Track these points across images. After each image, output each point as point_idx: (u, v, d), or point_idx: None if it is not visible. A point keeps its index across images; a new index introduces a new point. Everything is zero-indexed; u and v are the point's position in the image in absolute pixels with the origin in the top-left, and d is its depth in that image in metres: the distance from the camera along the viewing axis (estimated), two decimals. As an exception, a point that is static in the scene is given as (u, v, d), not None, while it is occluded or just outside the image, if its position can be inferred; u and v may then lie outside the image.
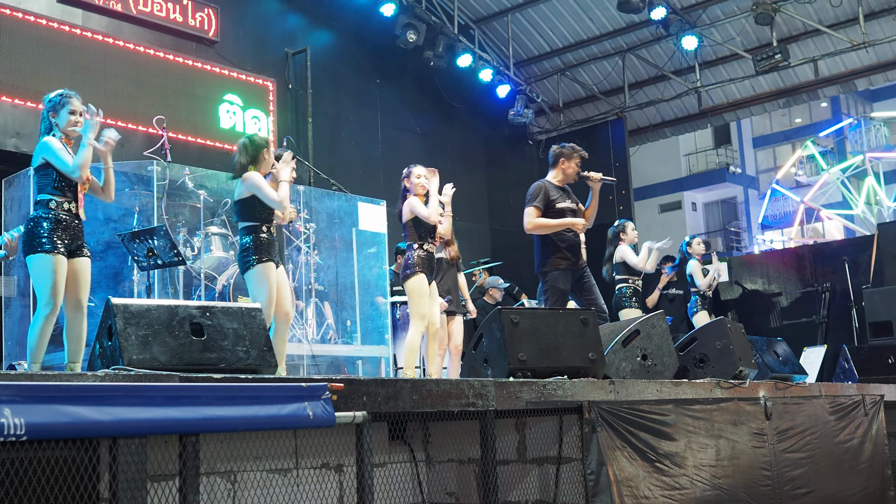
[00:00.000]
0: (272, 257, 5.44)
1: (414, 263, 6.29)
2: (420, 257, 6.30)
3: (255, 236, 5.44)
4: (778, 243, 28.35)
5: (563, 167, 6.95)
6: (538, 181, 6.96)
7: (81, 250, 5.08)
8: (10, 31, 9.06)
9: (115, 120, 9.58)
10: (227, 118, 10.76)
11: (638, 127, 14.75)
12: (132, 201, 8.21)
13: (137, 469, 2.92)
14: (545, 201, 6.73)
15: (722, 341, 5.74)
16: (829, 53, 12.40)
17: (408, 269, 6.31)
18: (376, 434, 4.29)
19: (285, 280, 5.77)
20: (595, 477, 4.36)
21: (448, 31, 12.75)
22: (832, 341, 10.83)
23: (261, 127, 10.96)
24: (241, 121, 10.85)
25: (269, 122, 11.08)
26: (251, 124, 10.90)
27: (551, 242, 6.73)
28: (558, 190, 6.89)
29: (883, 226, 12.43)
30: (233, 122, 10.79)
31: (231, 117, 10.80)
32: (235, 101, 10.86)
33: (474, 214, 13.59)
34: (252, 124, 10.91)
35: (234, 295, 7.72)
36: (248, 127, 10.86)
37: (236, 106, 10.84)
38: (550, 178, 6.95)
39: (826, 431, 5.96)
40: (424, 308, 6.28)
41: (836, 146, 30.65)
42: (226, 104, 10.75)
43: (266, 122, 11.05)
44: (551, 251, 6.71)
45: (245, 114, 10.92)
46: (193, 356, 3.54)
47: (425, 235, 6.34)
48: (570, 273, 6.72)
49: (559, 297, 6.69)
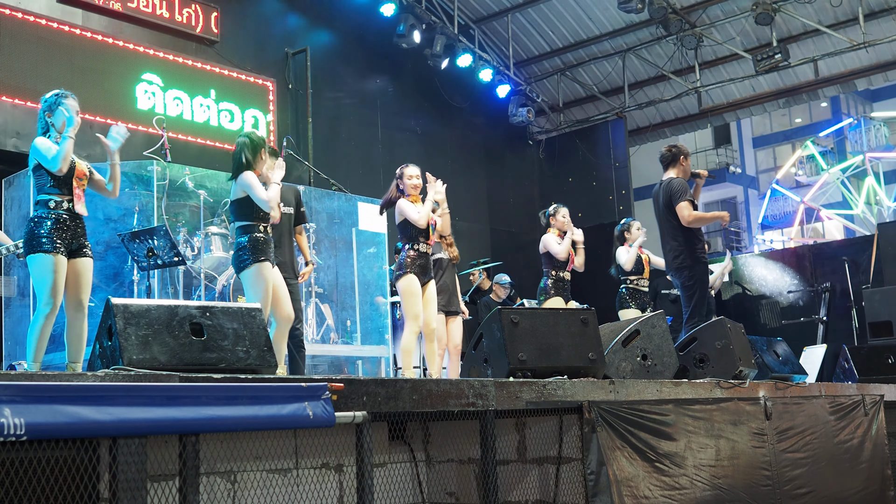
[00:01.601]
0: (268, 257, 5.44)
1: (404, 264, 6.32)
2: (411, 258, 6.32)
3: (251, 236, 5.44)
4: (778, 243, 28.35)
5: (684, 165, 6.92)
6: (674, 179, 6.83)
7: (83, 250, 5.08)
8: (10, 31, 9.06)
9: (116, 120, 9.59)
10: (225, 118, 10.75)
11: (638, 127, 14.75)
12: (132, 201, 8.21)
13: (137, 469, 2.92)
14: (691, 196, 6.72)
15: (722, 341, 5.74)
16: (829, 53, 12.39)
17: (399, 270, 6.35)
18: (376, 434, 4.29)
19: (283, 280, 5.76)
20: (595, 477, 4.36)
21: (448, 31, 12.74)
22: (832, 341, 10.83)
23: (259, 125, 10.92)
24: (241, 120, 10.83)
25: (270, 122, 11.06)
26: (249, 124, 10.89)
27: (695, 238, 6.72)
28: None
29: (883, 226, 12.43)
30: (232, 123, 10.78)
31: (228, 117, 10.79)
32: (234, 102, 10.86)
33: (474, 214, 13.60)
34: (251, 124, 10.90)
35: (234, 295, 7.72)
36: (247, 126, 10.84)
37: (235, 106, 10.84)
38: (674, 175, 6.88)
39: (826, 431, 5.96)
40: (417, 308, 6.29)
41: (836, 146, 30.65)
42: (225, 103, 10.74)
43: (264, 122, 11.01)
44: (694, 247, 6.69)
45: (245, 114, 10.91)
46: (193, 356, 3.54)
47: (416, 236, 6.37)
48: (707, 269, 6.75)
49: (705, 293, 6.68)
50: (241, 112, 10.86)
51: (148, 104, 9.99)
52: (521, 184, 14.82)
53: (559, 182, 14.67)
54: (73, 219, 5.03)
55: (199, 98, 10.47)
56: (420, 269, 6.33)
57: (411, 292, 6.28)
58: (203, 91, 10.52)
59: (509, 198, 14.54)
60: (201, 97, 10.48)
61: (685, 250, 6.70)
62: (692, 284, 6.68)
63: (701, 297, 6.62)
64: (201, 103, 10.45)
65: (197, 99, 10.44)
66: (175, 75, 10.32)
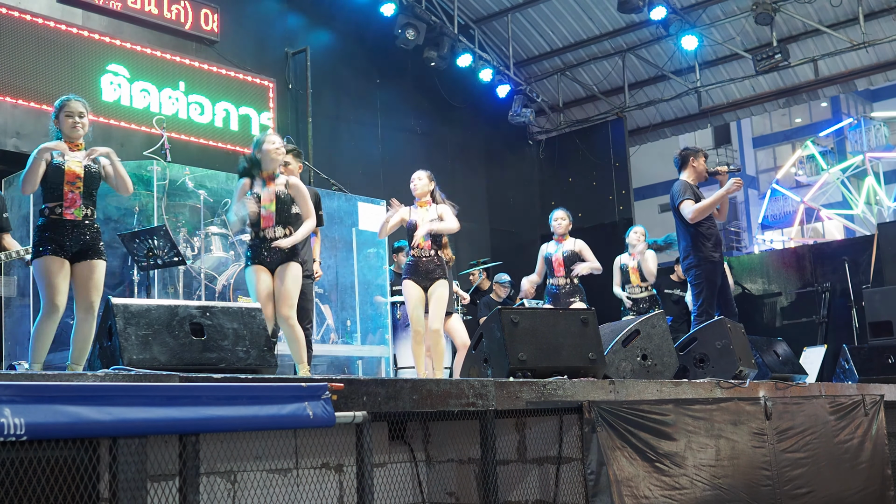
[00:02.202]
0: (260, 261, 5.46)
1: (403, 270, 6.66)
2: (408, 263, 6.56)
3: (250, 241, 5.61)
4: (778, 243, 28.36)
5: (694, 165, 6.98)
6: (678, 181, 6.97)
7: (88, 253, 5.04)
8: (10, 31, 9.05)
9: (118, 120, 9.59)
10: (224, 118, 10.74)
11: (638, 127, 14.75)
12: (132, 201, 8.20)
13: (137, 469, 2.92)
14: (694, 195, 6.82)
15: (722, 341, 5.74)
16: (829, 53, 12.39)
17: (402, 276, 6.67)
18: (376, 434, 4.29)
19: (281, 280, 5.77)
20: (595, 477, 4.36)
21: (448, 31, 12.74)
22: (832, 341, 10.83)
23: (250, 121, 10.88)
24: (237, 121, 10.83)
25: (270, 122, 11.06)
26: (248, 124, 10.88)
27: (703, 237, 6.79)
28: (697, 189, 6.99)
29: (883, 226, 12.42)
30: (231, 123, 10.78)
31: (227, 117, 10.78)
32: (232, 102, 10.85)
33: (474, 214, 13.58)
34: (249, 124, 10.89)
35: (234, 295, 7.72)
36: (246, 127, 10.84)
37: (233, 106, 10.83)
38: (685, 178, 6.98)
39: (826, 431, 5.96)
40: (411, 312, 6.52)
41: (836, 146, 30.65)
42: (224, 103, 10.73)
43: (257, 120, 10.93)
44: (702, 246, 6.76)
45: (239, 111, 10.89)
46: (193, 356, 3.54)
47: (410, 242, 6.58)
48: (719, 266, 6.81)
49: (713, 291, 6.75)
50: (239, 111, 10.86)
51: (113, 96, 9.67)
52: (521, 184, 14.82)
53: (559, 182, 14.67)
54: (69, 222, 4.97)
55: (168, 90, 10.11)
56: (416, 274, 6.46)
57: (406, 296, 6.54)
58: (172, 84, 10.16)
59: (509, 198, 14.54)
60: (170, 89, 10.11)
61: (692, 250, 6.79)
62: (699, 283, 6.76)
63: (709, 296, 6.67)
64: (170, 95, 10.12)
65: (165, 91, 10.07)
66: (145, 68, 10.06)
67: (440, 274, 6.43)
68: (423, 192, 6.60)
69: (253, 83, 11.07)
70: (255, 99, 11.05)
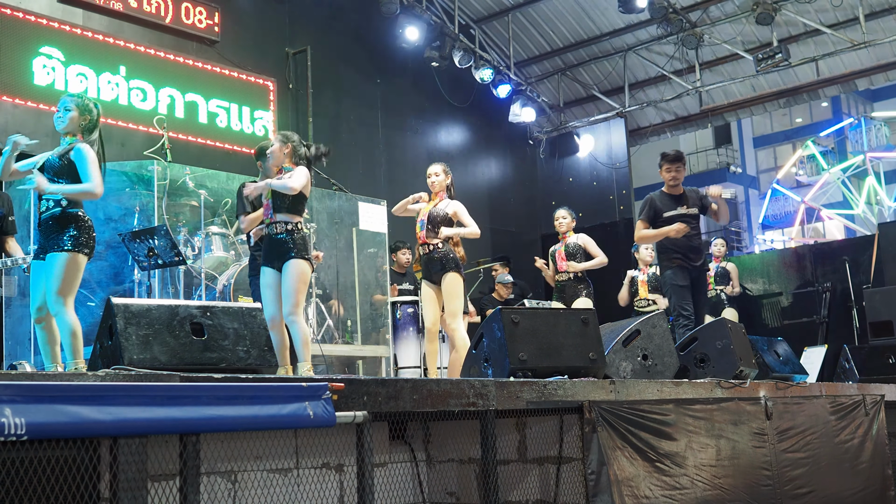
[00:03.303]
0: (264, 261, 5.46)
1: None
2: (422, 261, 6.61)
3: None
4: (778, 243, 28.36)
5: (663, 174, 7.13)
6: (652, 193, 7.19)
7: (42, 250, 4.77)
8: (10, 31, 9.05)
9: (116, 120, 9.59)
10: (225, 117, 10.74)
11: (638, 127, 14.74)
12: (132, 201, 8.21)
13: (138, 469, 2.92)
14: (650, 213, 6.99)
15: (722, 341, 5.74)
16: (830, 53, 12.38)
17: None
18: (377, 434, 4.29)
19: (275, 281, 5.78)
20: (595, 477, 4.36)
21: (448, 30, 12.74)
22: (832, 341, 10.82)
23: (259, 128, 10.88)
24: (238, 120, 10.83)
25: (270, 122, 11.06)
26: (248, 124, 10.88)
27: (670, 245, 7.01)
28: (668, 199, 7.04)
29: (883, 226, 12.43)
30: (232, 123, 10.78)
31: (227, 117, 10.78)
32: (233, 102, 10.85)
33: (474, 214, 13.53)
34: (249, 123, 10.89)
35: (235, 295, 7.72)
36: (246, 126, 10.84)
37: (233, 105, 10.83)
38: (664, 188, 7.13)
39: (826, 431, 5.96)
40: (424, 310, 6.56)
41: (836, 146, 30.64)
42: (224, 102, 10.73)
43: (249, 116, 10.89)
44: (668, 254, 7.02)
45: (241, 113, 10.89)
46: (194, 356, 3.54)
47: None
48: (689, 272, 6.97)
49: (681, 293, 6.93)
50: (239, 111, 10.86)
51: (47, 80, 9.25)
52: (521, 184, 14.82)
53: (559, 182, 14.67)
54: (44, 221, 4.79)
55: (107, 74, 9.65)
56: (428, 272, 6.52)
57: (422, 296, 6.61)
58: (111, 68, 9.73)
59: (509, 198, 14.53)
60: (109, 73, 9.64)
61: (660, 257, 7.13)
62: (666, 289, 7.16)
63: (678, 298, 6.85)
64: (109, 80, 9.68)
65: (104, 75, 9.59)
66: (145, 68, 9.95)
67: (451, 266, 6.43)
68: (441, 188, 6.59)
69: (253, 83, 11.07)
70: (256, 99, 11.05)
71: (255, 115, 10.98)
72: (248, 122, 10.90)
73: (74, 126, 4.89)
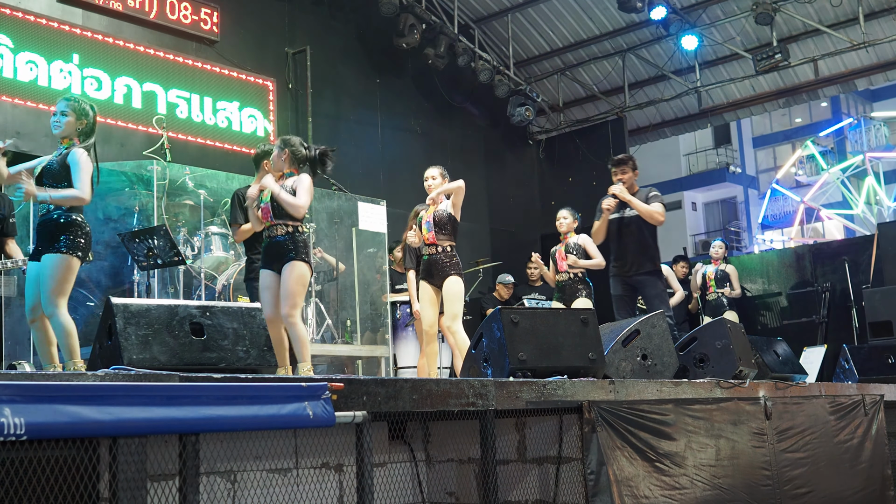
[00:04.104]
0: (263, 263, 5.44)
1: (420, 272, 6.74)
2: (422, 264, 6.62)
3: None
4: (778, 243, 28.37)
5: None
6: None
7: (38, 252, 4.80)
8: (11, 31, 9.04)
9: (115, 120, 9.59)
10: (225, 117, 10.74)
11: (638, 127, 14.75)
12: (132, 201, 8.20)
13: (137, 469, 2.92)
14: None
15: (722, 341, 5.74)
16: (829, 53, 12.39)
17: None
18: (376, 434, 4.29)
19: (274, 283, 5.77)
20: (595, 477, 4.36)
21: (448, 30, 12.74)
22: (832, 341, 10.81)
23: (258, 128, 10.87)
24: (237, 120, 10.82)
25: (270, 122, 11.06)
26: (248, 124, 10.87)
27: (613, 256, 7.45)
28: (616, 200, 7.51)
29: (883, 225, 12.41)
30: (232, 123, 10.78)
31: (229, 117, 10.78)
32: (232, 102, 10.85)
33: (474, 214, 13.58)
34: (249, 123, 10.88)
35: (234, 295, 7.72)
36: (246, 126, 10.83)
37: (233, 105, 10.82)
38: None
39: (826, 431, 5.96)
40: (422, 312, 6.61)
41: (836, 146, 30.66)
42: (224, 102, 10.73)
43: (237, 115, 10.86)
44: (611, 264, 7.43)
45: (241, 113, 10.88)
46: (193, 356, 3.54)
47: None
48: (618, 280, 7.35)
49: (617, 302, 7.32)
50: (239, 111, 10.85)
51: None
52: (521, 184, 14.82)
53: (559, 182, 14.66)
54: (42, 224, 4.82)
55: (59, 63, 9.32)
56: (429, 274, 6.54)
57: (420, 297, 6.62)
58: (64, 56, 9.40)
59: (509, 198, 14.53)
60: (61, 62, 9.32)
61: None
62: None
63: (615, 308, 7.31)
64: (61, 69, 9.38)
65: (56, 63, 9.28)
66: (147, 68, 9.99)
67: (453, 269, 6.45)
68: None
69: (253, 83, 11.07)
70: (256, 99, 11.04)
71: (255, 116, 10.97)
72: (248, 123, 10.89)
73: (71, 130, 4.89)
